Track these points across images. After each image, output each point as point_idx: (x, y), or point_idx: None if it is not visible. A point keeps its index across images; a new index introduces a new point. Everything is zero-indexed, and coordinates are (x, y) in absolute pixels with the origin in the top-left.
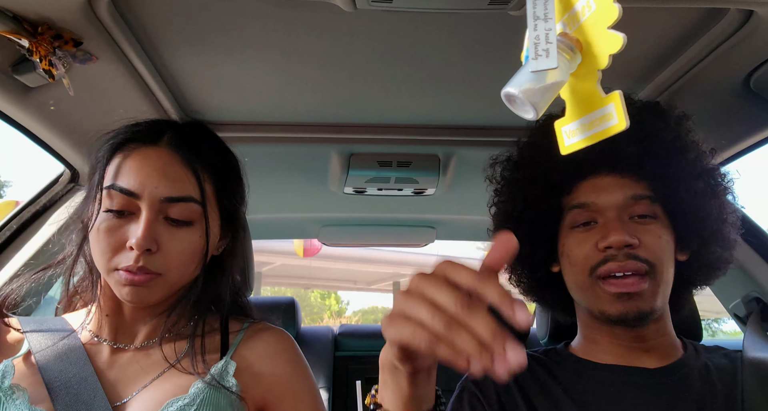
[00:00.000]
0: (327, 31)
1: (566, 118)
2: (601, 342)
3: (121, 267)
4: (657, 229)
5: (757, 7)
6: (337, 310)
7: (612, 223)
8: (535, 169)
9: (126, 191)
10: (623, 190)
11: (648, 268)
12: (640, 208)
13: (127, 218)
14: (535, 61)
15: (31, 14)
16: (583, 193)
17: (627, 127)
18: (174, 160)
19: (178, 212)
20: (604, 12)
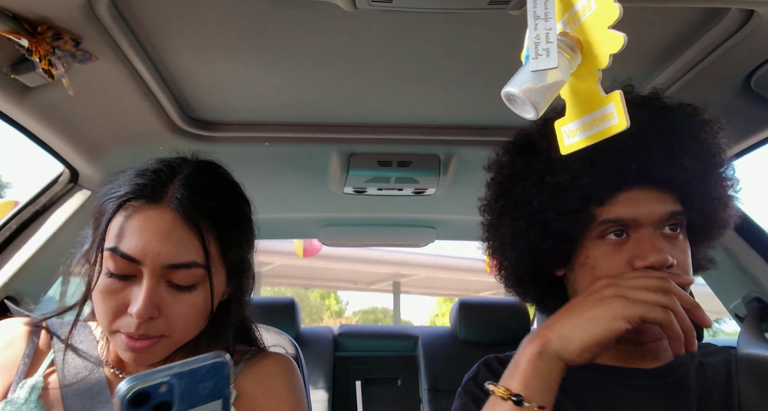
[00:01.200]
0: (327, 31)
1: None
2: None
3: (122, 331)
4: (682, 243)
5: (758, 7)
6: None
7: (650, 241)
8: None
9: (127, 257)
10: (661, 205)
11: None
12: (673, 221)
13: (130, 281)
14: (536, 60)
15: (30, 14)
16: (619, 205)
17: (627, 126)
18: (177, 221)
19: (181, 278)
20: (605, 12)
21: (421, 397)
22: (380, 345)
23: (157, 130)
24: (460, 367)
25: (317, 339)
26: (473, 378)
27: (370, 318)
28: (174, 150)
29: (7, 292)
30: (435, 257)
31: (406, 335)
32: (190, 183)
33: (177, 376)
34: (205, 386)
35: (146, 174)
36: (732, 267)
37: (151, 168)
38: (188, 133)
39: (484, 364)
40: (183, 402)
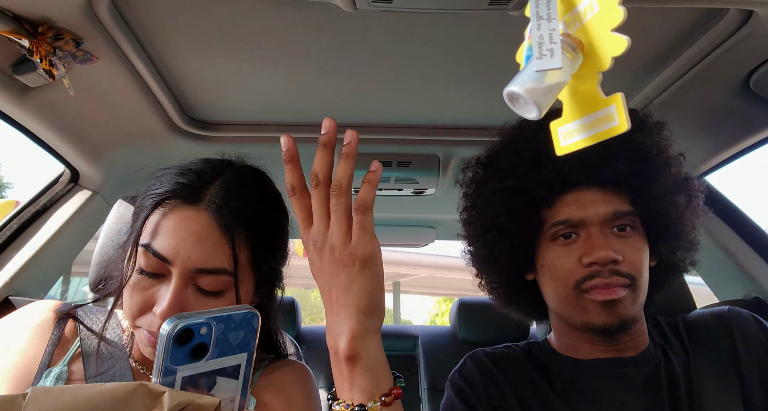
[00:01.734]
0: (327, 31)
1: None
2: (579, 348)
3: (145, 328)
4: (635, 242)
5: (757, 7)
6: None
7: (596, 239)
8: (518, 180)
9: (159, 256)
10: (607, 205)
11: (629, 282)
12: (621, 221)
13: (159, 279)
14: (540, 60)
15: (31, 14)
16: (566, 207)
17: (628, 128)
18: (212, 226)
19: (209, 283)
20: (608, 14)
21: (421, 396)
22: None
23: (157, 131)
24: None
25: (317, 338)
26: (459, 370)
27: None
28: (174, 150)
29: (8, 291)
30: (435, 257)
31: (406, 335)
32: (231, 188)
33: (216, 319)
34: (236, 335)
35: (188, 174)
36: (731, 267)
37: (194, 168)
38: (188, 133)
39: (470, 358)
40: (217, 347)
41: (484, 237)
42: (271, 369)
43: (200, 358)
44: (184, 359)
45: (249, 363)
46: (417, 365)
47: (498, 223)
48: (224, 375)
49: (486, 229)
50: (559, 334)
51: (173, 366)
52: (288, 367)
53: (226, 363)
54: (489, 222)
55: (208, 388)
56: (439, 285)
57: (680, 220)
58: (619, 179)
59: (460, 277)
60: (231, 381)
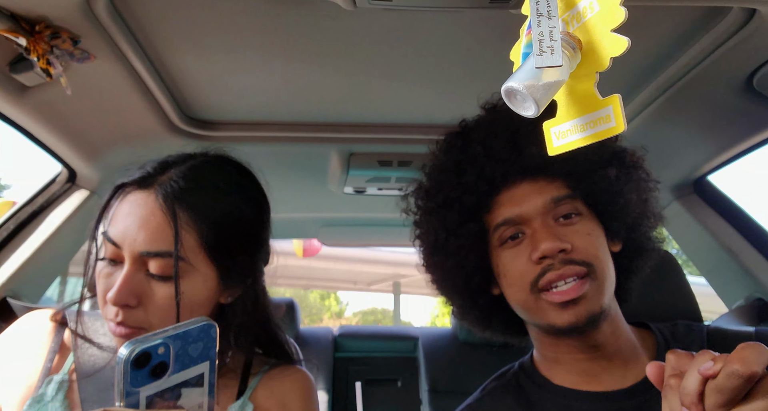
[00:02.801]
0: (327, 30)
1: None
2: (561, 359)
3: (107, 317)
4: (584, 226)
5: (760, 6)
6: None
7: (540, 232)
8: (446, 193)
9: (112, 241)
10: (542, 194)
11: (587, 270)
12: (563, 208)
13: (118, 266)
14: (540, 57)
15: (28, 13)
16: (503, 207)
17: (625, 130)
18: (159, 208)
19: (157, 267)
20: (609, 14)
21: (421, 398)
22: (380, 346)
23: (155, 130)
24: (461, 368)
25: (317, 340)
26: None
27: (369, 319)
28: (172, 150)
29: (5, 292)
30: None
31: (406, 336)
32: (187, 174)
33: (172, 338)
34: (195, 348)
35: (153, 163)
36: (734, 267)
37: (162, 158)
38: (187, 133)
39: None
40: (177, 363)
41: (433, 260)
42: (270, 375)
43: (161, 376)
44: (145, 380)
45: (212, 370)
46: (417, 367)
47: (440, 241)
48: (188, 386)
49: (431, 250)
50: (539, 346)
51: (135, 388)
52: (288, 375)
53: (188, 375)
54: (432, 242)
55: (175, 399)
56: None
57: (621, 193)
58: (544, 165)
59: None
60: (196, 389)
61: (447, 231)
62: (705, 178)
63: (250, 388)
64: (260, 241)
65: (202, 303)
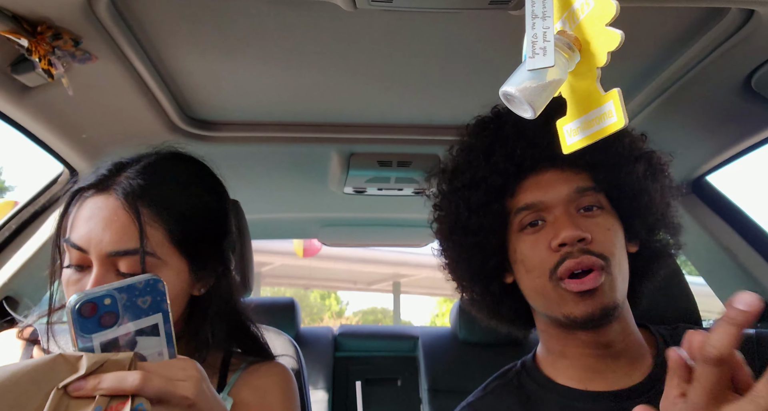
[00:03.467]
0: (327, 30)
1: (567, 116)
2: (568, 354)
3: None
4: (605, 220)
5: (758, 7)
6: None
7: (561, 220)
8: (473, 173)
9: (76, 246)
10: (567, 183)
11: (603, 263)
12: (586, 199)
13: (85, 272)
14: (532, 59)
15: (30, 14)
16: (527, 192)
17: (626, 124)
18: (119, 208)
19: (128, 266)
20: (602, 9)
21: (421, 397)
22: (380, 345)
23: (156, 130)
24: (460, 368)
25: (317, 339)
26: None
27: (370, 318)
28: None
29: (6, 292)
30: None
31: (406, 335)
32: (145, 171)
33: (117, 290)
34: (144, 300)
35: (106, 165)
36: (732, 267)
37: (118, 159)
38: (188, 133)
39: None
40: (126, 313)
41: (450, 239)
42: (249, 371)
43: (112, 325)
44: (95, 328)
45: (167, 321)
46: (417, 366)
47: (462, 220)
48: (144, 334)
49: (451, 229)
50: (546, 340)
51: (86, 335)
52: (266, 370)
53: (142, 324)
54: (453, 222)
55: (131, 347)
56: (440, 285)
57: (646, 191)
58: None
59: None
60: (152, 338)
61: (470, 210)
62: (704, 179)
63: (230, 384)
64: (225, 229)
65: (176, 295)
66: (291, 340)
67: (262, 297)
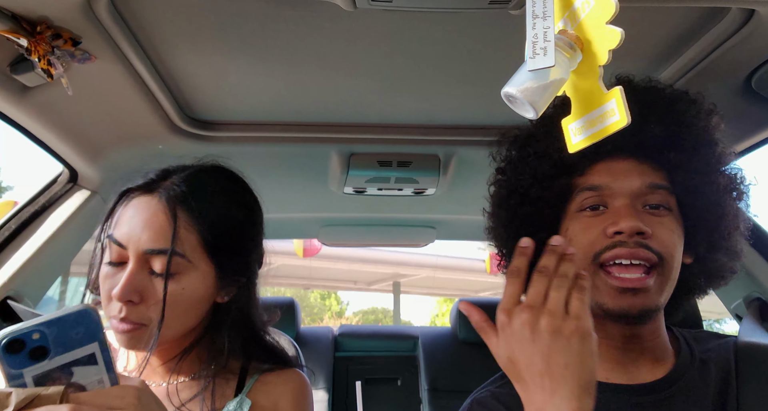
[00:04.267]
0: (327, 30)
1: (571, 116)
2: None
3: (112, 315)
4: (669, 222)
5: (759, 7)
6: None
7: (624, 210)
8: (549, 143)
9: (117, 242)
10: (641, 176)
11: (657, 261)
12: (656, 197)
13: (122, 267)
14: (533, 59)
15: (29, 13)
16: (597, 175)
17: (628, 123)
18: (161, 210)
19: (160, 265)
20: (602, 8)
21: (421, 397)
22: (380, 345)
23: (156, 130)
24: (460, 368)
25: (317, 339)
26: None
27: (370, 318)
28: (173, 150)
29: (6, 292)
30: (435, 257)
31: (406, 335)
32: (187, 178)
33: (46, 324)
34: (77, 331)
35: (155, 171)
36: None
37: (164, 167)
38: (187, 133)
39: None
40: (58, 346)
41: (507, 202)
42: (266, 377)
43: (43, 358)
44: (26, 363)
45: (104, 349)
46: (417, 366)
47: (523, 188)
48: (80, 364)
49: (510, 193)
50: None
51: (16, 370)
52: (282, 377)
53: (76, 355)
54: (514, 186)
55: (67, 378)
56: (440, 285)
57: (719, 205)
58: (657, 150)
59: (461, 278)
60: (90, 367)
61: (534, 179)
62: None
63: (248, 386)
64: (254, 243)
65: (200, 299)
66: (291, 341)
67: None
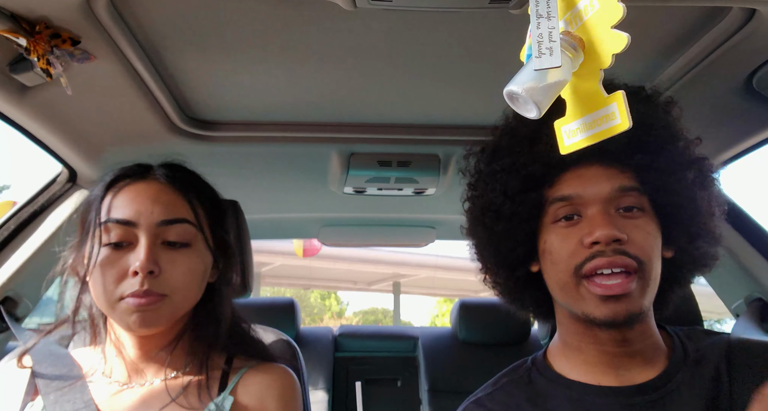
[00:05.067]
0: (327, 30)
1: (567, 117)
2: (584, 349)
3: (126, 294)
4: (645, 223)
5: (760, 6)
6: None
7: (598, 217)
8: (515, 158)
9: (122, 221)
10: (610, 181)
11: (637, 266)
12: (628, 200)
13: (126, 249)
14: (539, 59)
15: (28, 13)
16: (566, 184)
17: (630, 126)
18: (165, 188)
19: (176, 234)
20: (608, 11)
21: (421, 397)
22: (380, 345)
23: (156, 130)
24: (461, 368)
25: (317, 339)
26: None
27: (370, 319)
28: (173, 150)
29: (5, 292)
30: (435, 257)
31: (406, 336)
32: (172, 167)
33: None
34: None
35: (128, 166)
36: (734, 267)
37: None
38: (187, 133)
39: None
40: None
41: (482, 221)
42: (251, 372)
43: None
44: None
45: None
46: (417, 366)
47: (496, 204)
48: None
49: (483, 212)
50: (564, 332)
51: None
52: (267, 372)
53: None
54: (487, 204)
55: None
56: (440, 285)
57: (692, 200)
58: (622, 154)
59: (461, 278)
60: None
61: (505, 196)
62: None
63: (232, 383)
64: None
65: (205, 271)
66: (290, 341)
67: (262, 297)
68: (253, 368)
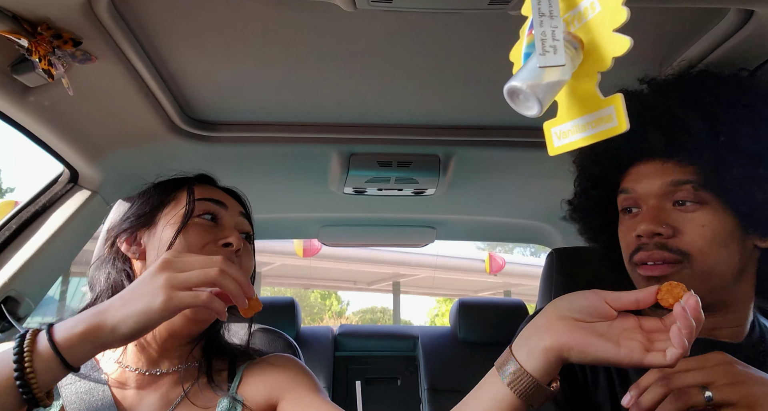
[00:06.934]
0: (327, 31)
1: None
2: None
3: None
4: (702, 216)
5: (758, 7)
6: (338, 310)
7: (648, 212)
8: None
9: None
10: (663, 176)
11: (680, 258)
12: (681, 194)
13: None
14: (543, 57)
15: (30, 14)
16: (627, 179)
17: (627, 129)
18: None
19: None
20: (611, 14)
21: (421, 396)
22: (380, 345)
23: (157, 131)
24: (460, 367)
25: (317, 339)
26: None
27: (370, 318)
28: (174, 150)
29: (7, 292)
30: (435, 257)
31: (406, 335)
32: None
33: None
34: None
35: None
36: None
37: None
38: (188, 134)
39: None
40: None
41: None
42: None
43: None
44: None
45: None
46: (417, 365)
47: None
48: None
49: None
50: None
51: None
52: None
53: None
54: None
55: None
56: (439, 285)
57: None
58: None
59: (460, 278)
60: None
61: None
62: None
63: (236, 380)
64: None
65: None
66: (291, 340)
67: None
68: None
